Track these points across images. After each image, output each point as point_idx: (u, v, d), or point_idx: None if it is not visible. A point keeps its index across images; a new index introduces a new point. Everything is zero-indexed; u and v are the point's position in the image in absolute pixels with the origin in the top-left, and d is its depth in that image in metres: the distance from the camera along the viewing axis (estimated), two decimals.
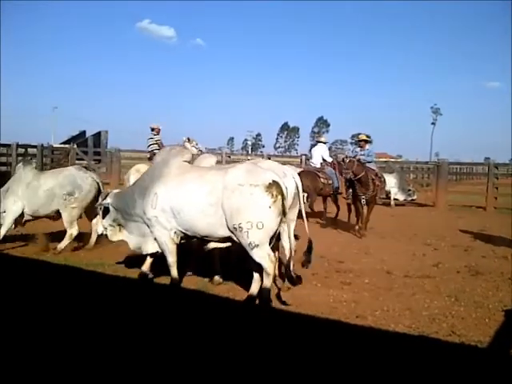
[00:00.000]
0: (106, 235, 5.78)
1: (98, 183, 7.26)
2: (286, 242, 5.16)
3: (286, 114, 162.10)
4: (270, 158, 14.93)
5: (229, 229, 4.60)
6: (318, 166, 11.45)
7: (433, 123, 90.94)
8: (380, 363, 3.50)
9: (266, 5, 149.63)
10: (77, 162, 18.84)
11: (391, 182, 15.50)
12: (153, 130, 10.63)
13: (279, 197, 4.50)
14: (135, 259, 5.96)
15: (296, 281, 4.94)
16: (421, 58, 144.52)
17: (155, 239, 5.15)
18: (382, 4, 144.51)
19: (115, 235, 5.68)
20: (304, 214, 5.12)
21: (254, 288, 4.83)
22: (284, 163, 17.13)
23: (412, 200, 16.27)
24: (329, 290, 5.48)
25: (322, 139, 12.34)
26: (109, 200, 5.63)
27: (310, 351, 3.69)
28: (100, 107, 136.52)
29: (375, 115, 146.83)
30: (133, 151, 20.98)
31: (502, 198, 15.33)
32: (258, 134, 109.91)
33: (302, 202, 5.20)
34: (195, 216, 4.74)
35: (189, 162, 5.23)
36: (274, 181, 4.54)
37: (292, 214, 5.16)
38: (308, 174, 10.64)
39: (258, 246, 4.49)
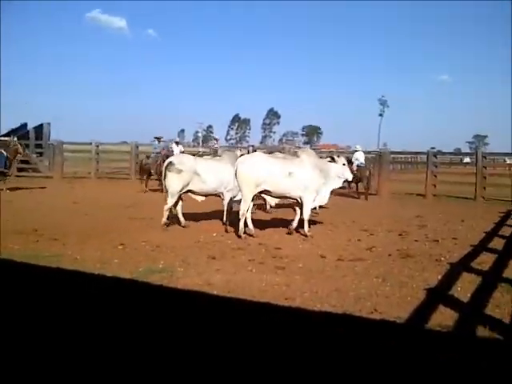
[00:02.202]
0: None
1: None
2: None
3: (238, 105, 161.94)
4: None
5: None
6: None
7: (380, 114, 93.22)
8: (298, 339, 3.63)
9: None
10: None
11: None
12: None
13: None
14: None
15: None
16: (370, 51, 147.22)
17: None
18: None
19: None
20: None
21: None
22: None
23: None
24: (262, 274, 5.58)
25: (359, 147, 15.86)
26: None
27: (236, 333, 3.78)
28: (45, 100, 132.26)
29: (326, 108, 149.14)
30: (77, 144, 20.55)
31: (442, 185, 16.00)
32: (210, 126, 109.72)
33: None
34: None
35: None
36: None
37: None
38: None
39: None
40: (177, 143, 17.57)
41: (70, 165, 20.88)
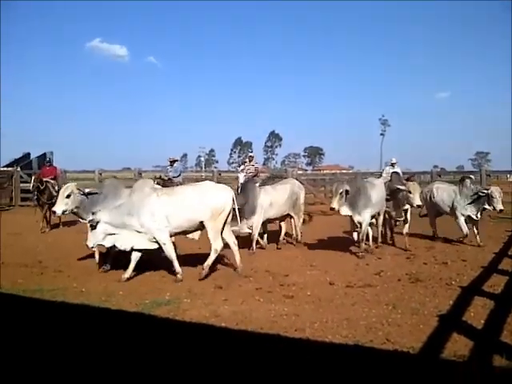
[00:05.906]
0: None
1: None
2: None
3: (239, 129, 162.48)
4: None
5: None
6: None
7: (382, 134, 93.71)
8: (310, 374, 3.52)
9: (214, 22, 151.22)
10: (21, 185, 18.34)
11: None
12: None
13: None
14: None
15: None
16: (369, 70, 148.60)
17: None
18: (335, 17, 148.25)
19: None
20: None
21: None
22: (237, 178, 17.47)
23: None
24: (271, 304, 5.48)
25: (394, 160, 14.87)
26: None
27: (245, 367, 3.68)
28: (48, 128, 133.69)
29: (327, 128, 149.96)
30: (80, 172, 20.61)
31: None
32: (212, 150, 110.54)
33: None
34: None
35: None
36: None
37: None
38: None
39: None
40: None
41: None
